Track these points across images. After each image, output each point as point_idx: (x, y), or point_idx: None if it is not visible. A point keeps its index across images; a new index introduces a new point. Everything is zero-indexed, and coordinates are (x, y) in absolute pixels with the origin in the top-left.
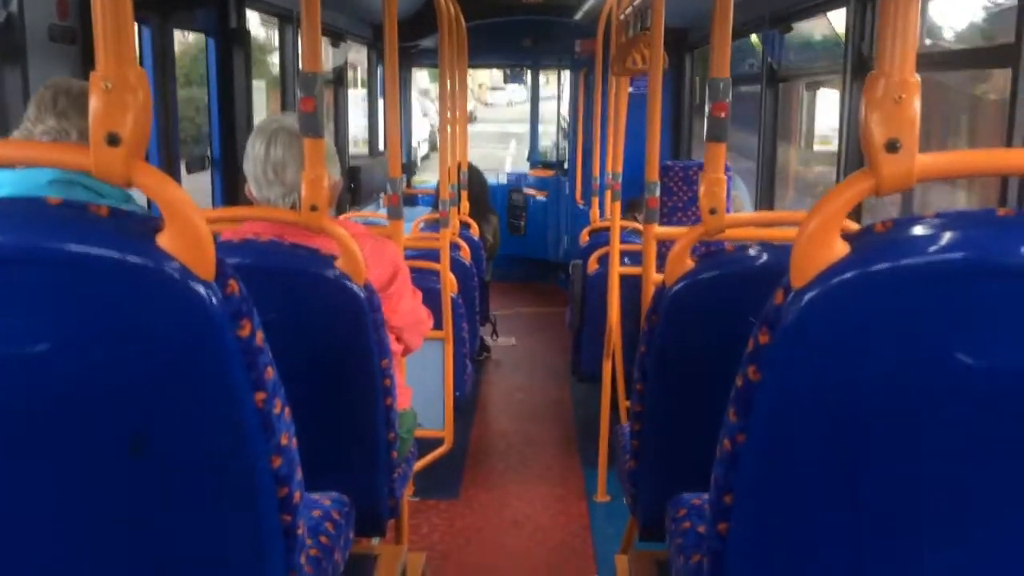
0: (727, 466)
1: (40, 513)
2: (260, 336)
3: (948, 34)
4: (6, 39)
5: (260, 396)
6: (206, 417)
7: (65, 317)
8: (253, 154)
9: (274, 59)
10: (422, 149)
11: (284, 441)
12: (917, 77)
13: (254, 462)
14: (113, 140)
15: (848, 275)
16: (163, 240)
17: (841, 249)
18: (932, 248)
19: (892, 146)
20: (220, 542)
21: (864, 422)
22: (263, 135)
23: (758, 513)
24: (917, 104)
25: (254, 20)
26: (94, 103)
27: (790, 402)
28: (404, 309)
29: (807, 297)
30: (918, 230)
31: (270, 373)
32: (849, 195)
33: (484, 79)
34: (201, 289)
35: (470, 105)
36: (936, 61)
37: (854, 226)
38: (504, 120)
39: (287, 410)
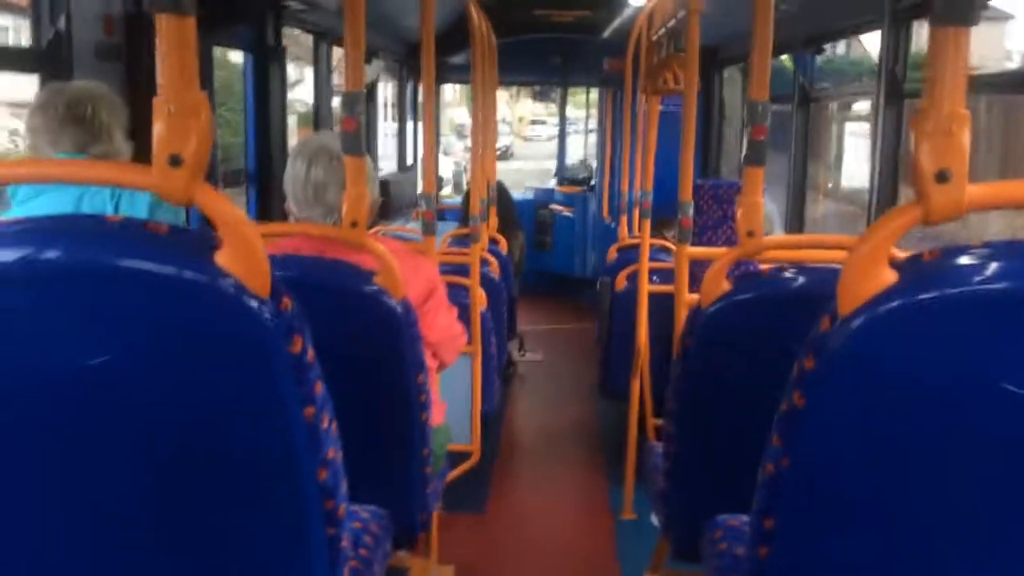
0: (769, 490)
1: (93, 524)
2: (311, 352)
3: None
4: (54, 56)
5: (309, 411)
6: (257, 430)
7: (123, 332)
8: (293, 174)
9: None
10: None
11: (331, 455)
12: (967, 110)
13: (302, 475)
14: (176, 161)
15: (896, 303)
16: (220, 257)
17: (889, 277)
18: (979, 278)
19: (942, 176)
20: (267, 554)
21: (909, 450)
22: (304, 155)
23: (799, 538)
24: (967, 135)
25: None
26: (158, 126)
27: (835, 429)
28: (440, 325)
29: (854, 324)
30: (965, 259)
31: (319, 388)
32: (898, 224)
33: (524, 112)
34: (256, 305)
35: (507, 140)
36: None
37: (903, 254)
38: (544, 156)
39: (334, 424)
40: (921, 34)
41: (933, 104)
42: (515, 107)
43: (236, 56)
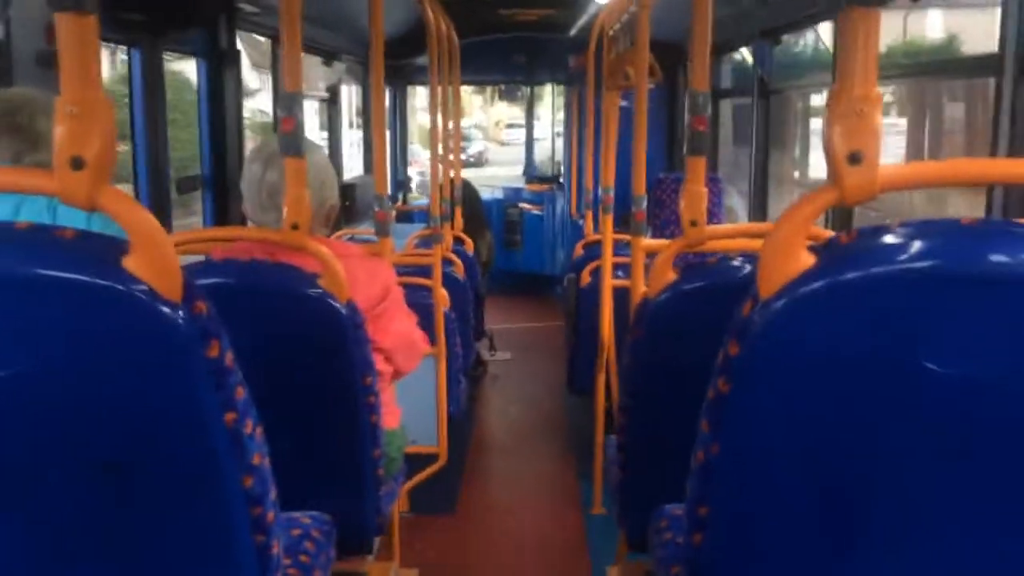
0: (701, 477)
1: (10, 538)
2: (230, 356)
3: None
4: None
5: (230, 416)
6: (176, 438)
7: (34, 341)
8: (249, 176)
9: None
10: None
11: (256, 461)
12: (879, 90)
13: (225, 482)
14: (77, 164)
15: (814, 285)
16: (129, 262)
17: (807, 260)
18: (898, 257)
19: (855, 158)
20: (194, 562)
21: (834, 431)
22: (260, 159)
23: (732, 523)
24: (879, 116)
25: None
26: (59, 128)
27: (760, 413)
28: (396, 330)
29: (774, 307)
30: (884, 239)
31: (240, 393)
32: (813, 206)
33: (501, 115)
34: (168, 310)
35: (481, 145)
36: (921, 71)
37: (824, 233)
38: (521, 162)
39: (259, 430)
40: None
41: (844, 86)
42: (490, 111)
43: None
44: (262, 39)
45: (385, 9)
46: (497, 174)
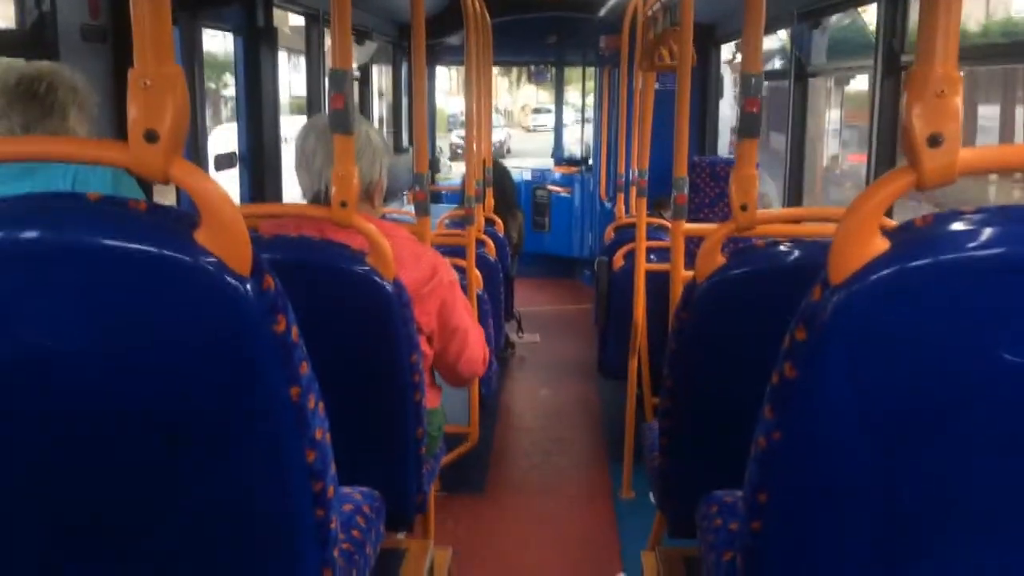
0: (762, 463)
1: (75, 507)
2: (295, 331)
3: None
4: (39, 38)
5: (295, 391)
6: (242, 411)
7: (105, 311)
8: (297, 145)
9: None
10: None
11: (318, 436)
12: (960, 72)
13: (289, 456)
14: (151, 137)
15: (887, 271)
16: (200, 235)
17: (880, 245)
18: (972, 244)
19: (935, 140)
20: (255, 535)
21: (903, 421)
22: (305, 128)
23: (792, 511)
24: (959, 99)
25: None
26: (132, 101)
27: (827, 399)
28: (472, 340)
29: (845, 293)
30: (958, 225)
31: (305, 368)
32: (889, 190)
33: (528, 99)
34: (237, 284)
35: (501, 134)
36: (975, 55)
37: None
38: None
39: (321, 405)
40: (916, 6)
41: (924, 67)
42: (516, 94)
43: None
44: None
45: None
46: (522, 165)
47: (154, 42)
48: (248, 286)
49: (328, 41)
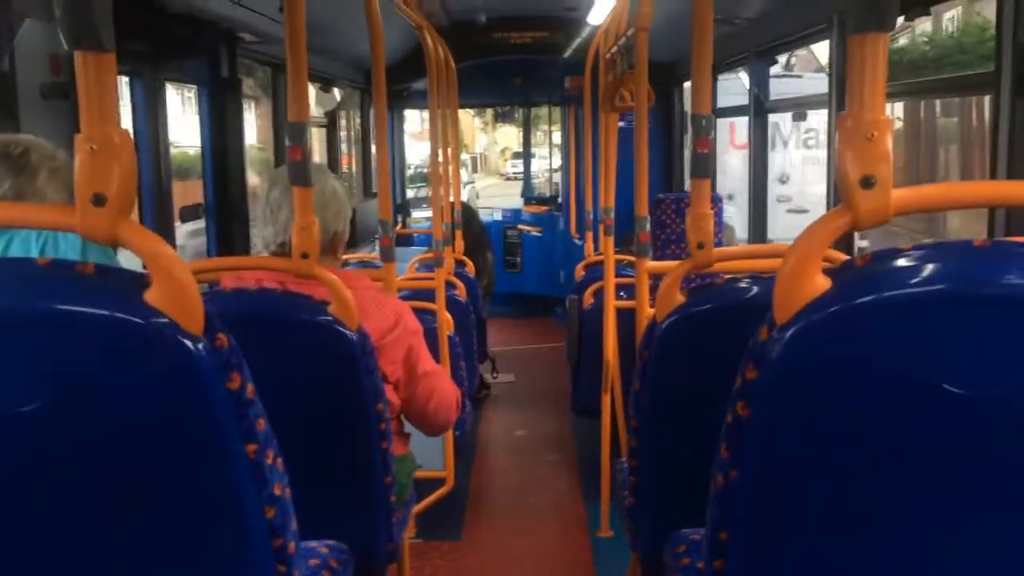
0: (721, 502)
1: (30, 568)
2: (251, 388)
3: None
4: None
5: (252, 447)
6: (198, 470)
7: (56, 375)
8: (260, 196)
9: None
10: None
11: (277, 491)
12: (888, 114)
13: (247, 513)
14: (99, 200)
15: (830, 309)
16: (151, 296)
17: (822, 284)
18: (912, 280)
19: (867, 182)
20: None
21: (855, 454)
22: (271, 179)
23: (754, 548)
24: (889, 140)
25: None
26: (80, 165)
27: (780, 436)
28: (441, 385)
29: (791, 332)
30: (898, 262)
31: (261, 424)
32: (827, 230)
33: (510, 141)
34: (189, 343)
35: (481, 183)
36: (918, 89)
37: (839, 257)
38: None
39: (279, 460)
40: None
41: (854, 111)
42: (494, 135)
43: None
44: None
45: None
46: (492, 207)
47: (99, 105)
48: (200, 345)
49: None
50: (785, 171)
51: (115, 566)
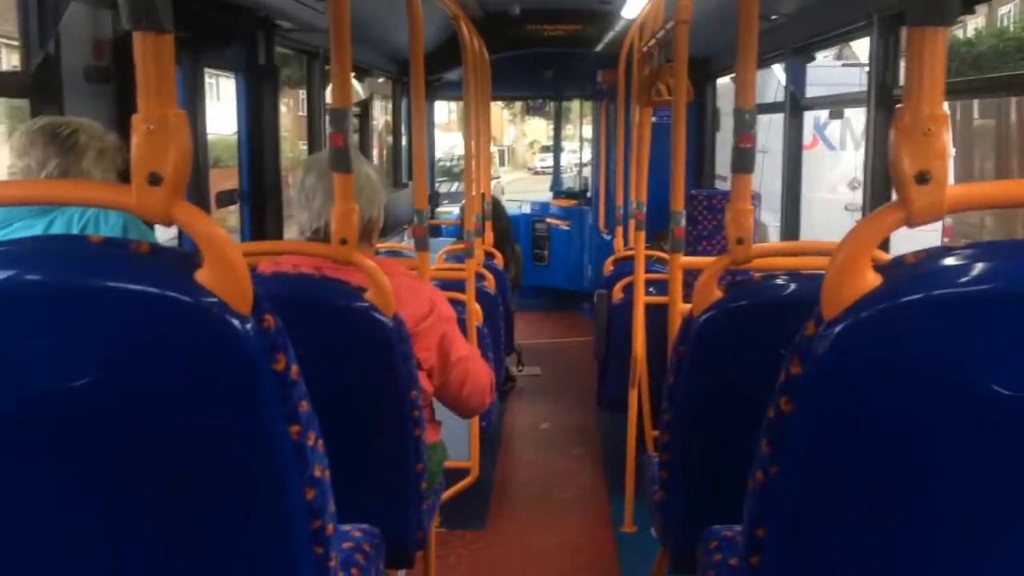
0: (760, 498)
1: (75, 545)
2: (295, 369)
3: None
4: (44, 79)
5: (295, 429)
6: (242, 449)
7: (106, 351)
8: (295, 183)
9: None
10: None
11: (317, 473)
12: (946, 109)
13: (288, 494)
14: (155, 180)
15: (879, 306)
16: (201, 275)
17: (872, 280)
18: (963, 278)
19: (922, 178)
20: (254, 573)
21: (899, 452)
22: (304, 166)
23: (791, 546)
24: (946, 136)
25: None
26: (136, 144)
27: (823, 433)
28: (475, 369)
29: (839, 328)
30: (949, 260)
31: (304, 406)
32: (879, 226)
33: (539, 134)
34: (237, 323)
35: (507, 177)
36: (962, 88)
37: (886, 256)
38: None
39: (320, 442)
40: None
41: (911, 106)
42: (522, 127)
43: None
44: None
45: None
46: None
47: (157, 86)
48: (249, 325)
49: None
50: (858, 175)
51: (158, 543)
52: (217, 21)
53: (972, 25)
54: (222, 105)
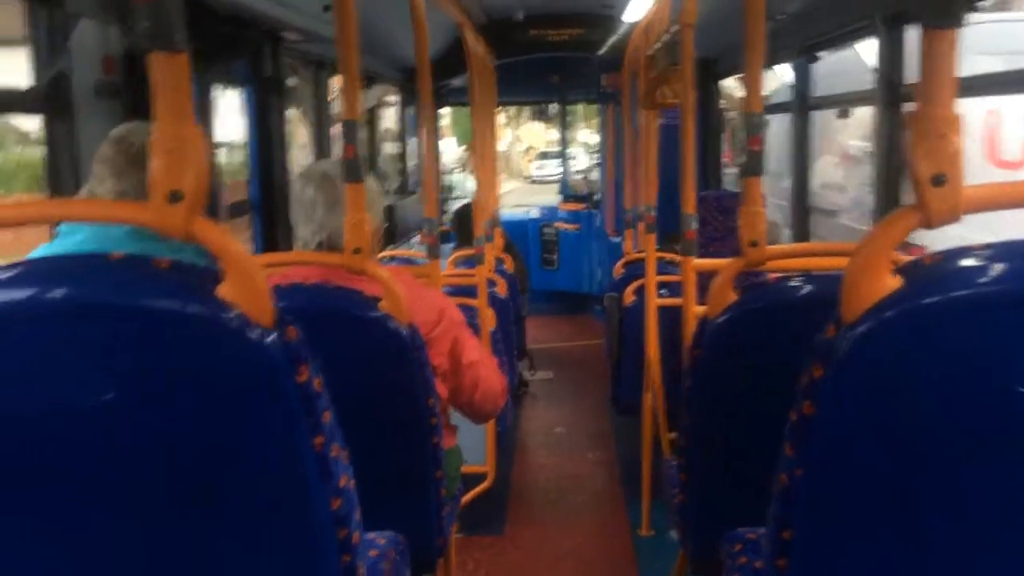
0: (784, 501)
1: (104, 560)
2: (318, 381)
3: None
4: (56, 95)
5: (319, 440)
6: (266, 462)
7: (130, 368)
8: (294, 195)
9: None
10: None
11: (342, 483)
12: (959, 111)
13: (314, 505)
14: (175, 197)
15: (900, 308)
16: (223, 290)
17: (892, 282)
18: (983, 279)
19: (938, 180)
20: None
21: (923, 454)
22: (303, 177)
23: (818, 548)
24: (960, 138)
25: None
26: (155, 162)
27: (846, 435)
28: (486, 373)
29: (859, 331)
30: (968, 261)
31: (327, 417)
32: (898, 228)
33: (537, 139)
34: (260, 336)
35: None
36: (973, 85)
37: (904, 258)
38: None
39: (345, 453)
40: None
41: (926, 108)
42: (519, 133)
43: None
44: None
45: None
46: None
47: (174, 105)
48: (272, 338)
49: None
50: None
51: (182, 557)
52: (223, 35)
53: None
54: (219, 118)
